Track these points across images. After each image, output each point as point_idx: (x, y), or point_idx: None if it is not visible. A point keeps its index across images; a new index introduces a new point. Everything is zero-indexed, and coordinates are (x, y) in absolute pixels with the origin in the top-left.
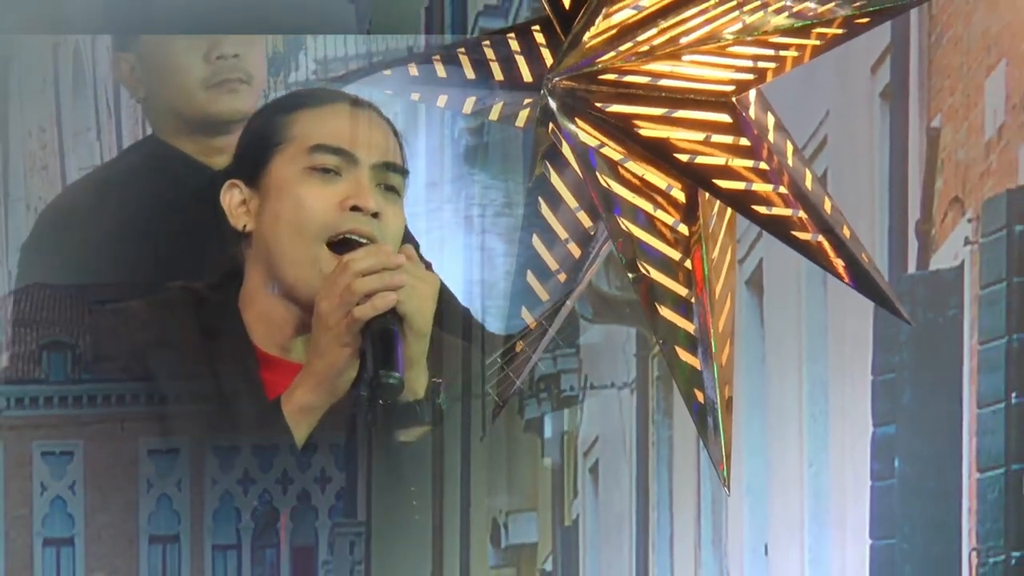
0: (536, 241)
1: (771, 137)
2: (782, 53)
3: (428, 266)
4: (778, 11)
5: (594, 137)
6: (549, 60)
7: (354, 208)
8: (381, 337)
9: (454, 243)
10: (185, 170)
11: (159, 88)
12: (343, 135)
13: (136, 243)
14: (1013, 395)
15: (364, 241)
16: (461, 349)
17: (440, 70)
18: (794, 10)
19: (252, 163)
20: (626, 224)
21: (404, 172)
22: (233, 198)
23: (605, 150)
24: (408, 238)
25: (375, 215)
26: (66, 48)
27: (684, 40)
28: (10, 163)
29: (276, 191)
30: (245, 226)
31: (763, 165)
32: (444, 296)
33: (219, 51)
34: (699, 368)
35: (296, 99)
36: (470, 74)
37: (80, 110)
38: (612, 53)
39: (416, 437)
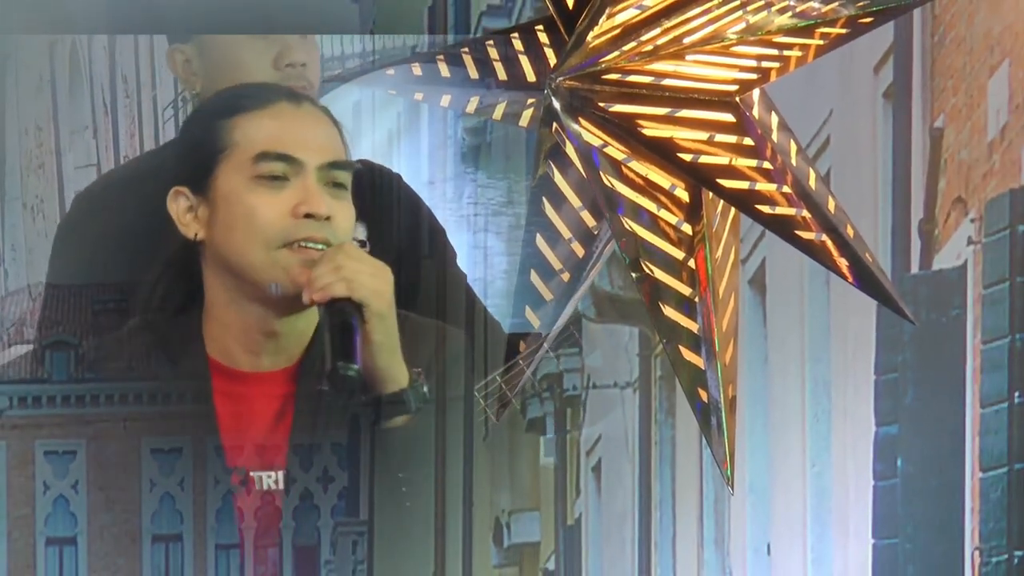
0: (539, 240)
1: (775, 136)
2: (786, 53)
3: (463, 278)
4: (782, 11)
5: (597, 137)
6: (552, 60)
7: (307, 215)
8: (340, 330)
9: (454, 242)
10: None
11: (220, 84)
12: (286, 139)
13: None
14: (1016, 395)
15: (320, 247)
16: (464, 345)
17: (443, 69)
18: (798, 10)
19: (197, 171)
20: (629, 223)
21: (350, 167)
22: (180, 206)
23: (608, 149)
24: (446, 248)
25: (328, 218)
26: (63, 47)
27: (688, 40)
28: (6, 162)
29: (225, 201)
30: (196, 234)
31: (767, 164)
32: (454, 290)
33: (289, 59)
34: (703, 367)
35: (234, 101)
36: (473, 74)
37: (77, 109)
38: (615, 53)
39: (400, 424)
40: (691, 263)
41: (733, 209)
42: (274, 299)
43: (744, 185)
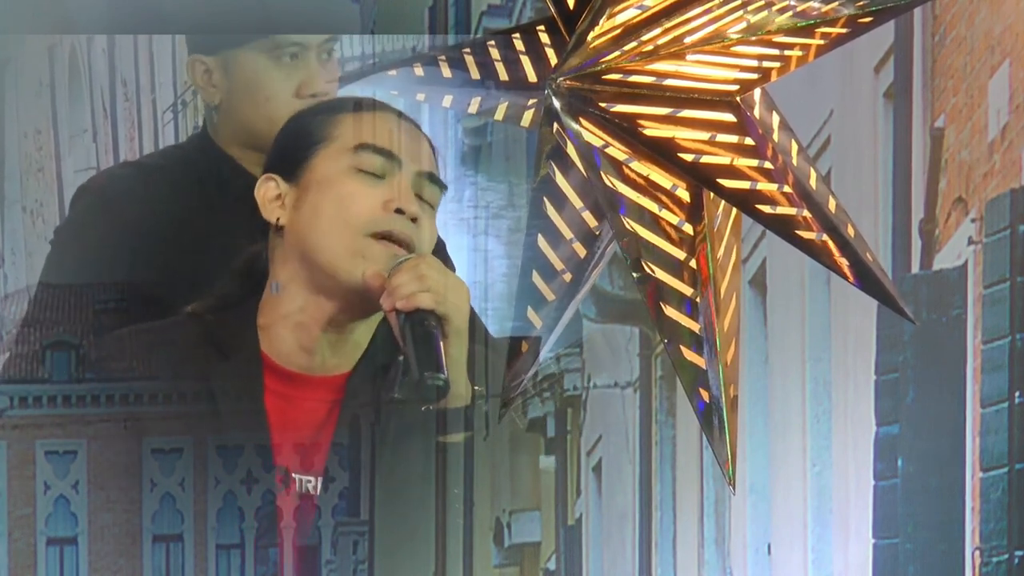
0: (541, 241)
1: (775, 136)
2: (786, 52)
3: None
4: (782, 10)
5: (598, 137)
6: (553, 60)
7: (397, 211)
8: (423, 340)
9: (454, 244)
10: (232, 174)
11: (241, 103)
12: (387, 138)
13: (168, 238)
14: (1016, 394)
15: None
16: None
17: (445, 70)
18: (798, 9)
19: (291, 159)
20: (631, 224)
21: (443, 186)
22: (268, 191)
23: (610, 150)
24: (444, 259)
25: (414, 220)
26: (62, 50)
27: (688, 40)
28: (6, 166)
29: (317, 186)
30: (278, 219)
31: (767, 164)
32: None
33: (313, 89)
34: (704, 367)
35: (341, 103)
36: (474, 74)
37: (76, 112)
38: (616, 53)
39: (458, 441)
40: (692, 263)
41: (734, 209)
42: (343, 297)
43: (745, 185)
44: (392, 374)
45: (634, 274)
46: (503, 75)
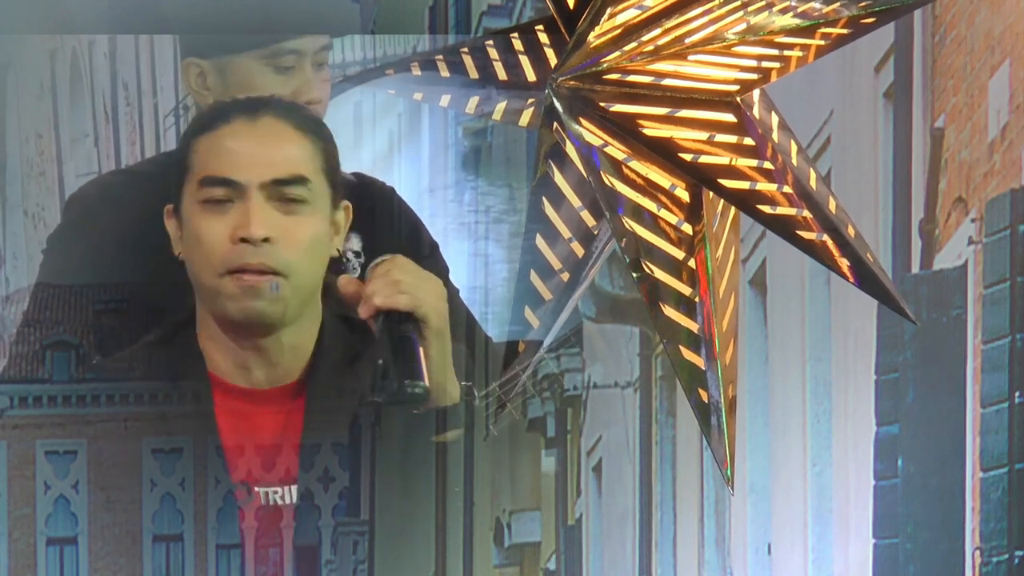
0: (539, 240)
1: (775, 136)
2: (787, 53)
3: (456, 293)
4: (783, 11)
5: (598, 136)
6: (553, 60)
7: (242, 240)
8: (401, 346)
9: (454, 249)
10: None
11: None
12: (228, 161)
13: (159, 245)
14: (1017, 394)
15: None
16: (464, 349)
17: (443, 70)
18: (799, 10)
19: (175, 190)
20: (630, 223)
21: (302, 181)
22: (171, 224)
23: (609, 149)
24: (440, 262)
25: (266, 240)
26: (64, 54)
27: (688, 40)
28: (8, 169)
29: (186, 223)
30: (180, 253)
31: (767, 164)
32: (448, 296)
33: (308, 97)
34: (703, 367)
35: (201, 120)
36: (473, 74)
37: (78, 116)
38: (616, 53)
39: (452, 439)
40: (691, 263)
41: (733, 209)
42: (233, 324)
43: (745, 185)
44: (370, 377)
45: (633, 274)
46: (502, 75)
